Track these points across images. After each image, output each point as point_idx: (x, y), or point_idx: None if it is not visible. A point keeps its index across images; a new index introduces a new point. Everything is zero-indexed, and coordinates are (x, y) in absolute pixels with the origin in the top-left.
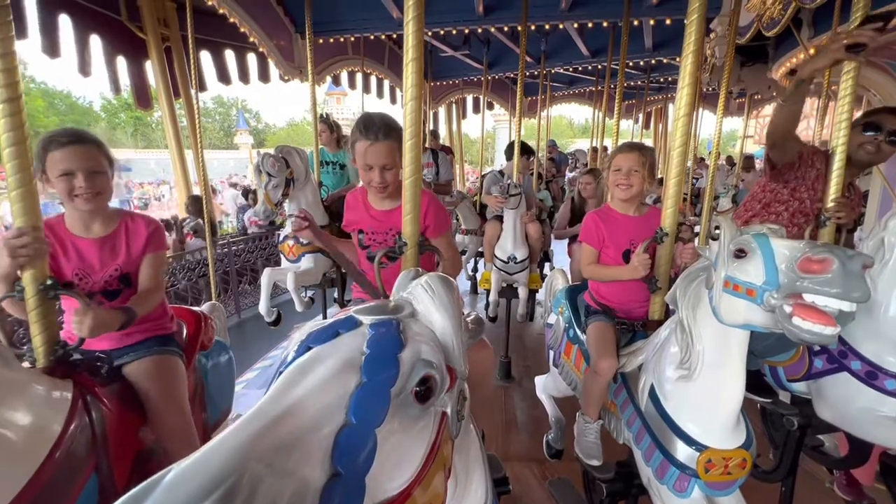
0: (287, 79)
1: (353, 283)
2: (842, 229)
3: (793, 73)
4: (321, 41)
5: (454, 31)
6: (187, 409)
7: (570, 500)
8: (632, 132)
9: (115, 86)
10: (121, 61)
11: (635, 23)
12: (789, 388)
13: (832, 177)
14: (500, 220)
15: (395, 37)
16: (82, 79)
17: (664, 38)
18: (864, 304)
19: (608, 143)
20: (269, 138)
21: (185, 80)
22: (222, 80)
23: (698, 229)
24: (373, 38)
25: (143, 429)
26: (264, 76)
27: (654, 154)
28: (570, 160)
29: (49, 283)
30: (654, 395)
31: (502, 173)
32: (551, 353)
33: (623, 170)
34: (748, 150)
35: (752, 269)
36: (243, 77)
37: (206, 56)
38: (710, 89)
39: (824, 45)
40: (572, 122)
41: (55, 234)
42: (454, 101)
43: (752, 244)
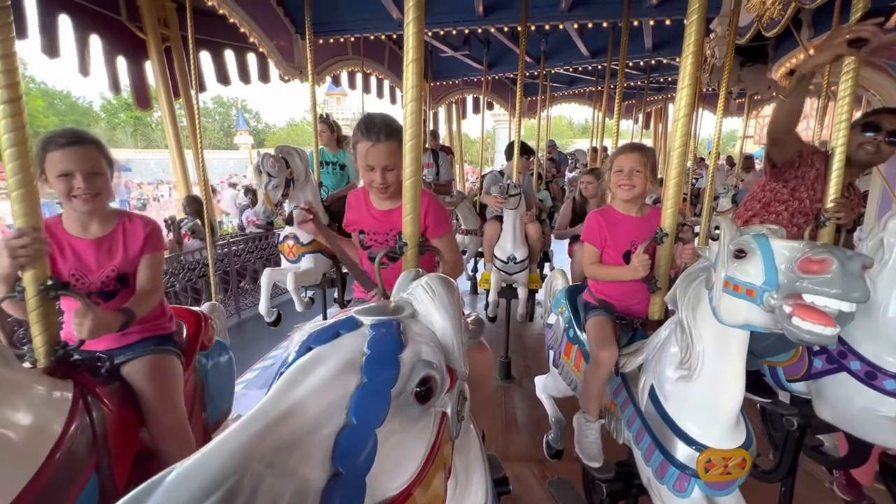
0: (287, 79)
1: (353, 284)
2: (841, 229)
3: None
4: (321, 41)
5: (454, 32)
6: (182, 408)
7: (570, 500)
8: (632, 132)
9: (115, 86)
10: (121, 61)
11: (635, 23)
12: (789, 388)
13: (832, 177)
14: (499, 220)
15: (395, 37)
16: (82, 79)
17: (664, 39)
18: (863, 305)
19: (608, 143)
20: (268, 138)
21: (184, 81)
22: (222, 81)
23: (698, 230)
24: (373, 38)
25: (144, 429)
26: (264, 76)
27: (656, 154)
28: (569, 160)
29: (50, 283)
30: (654, 395)
31: (502, 173)
32: (551, 353)
33: (625, 170)
34: (748, 151)
35: (751, 269)
36: (243, 77)
37: (205, 56)
38: (709, 89)
39: (826, 41)
40: (572, 122)
41: (52, 234)
42: (454, 101)
43: (751, 244)
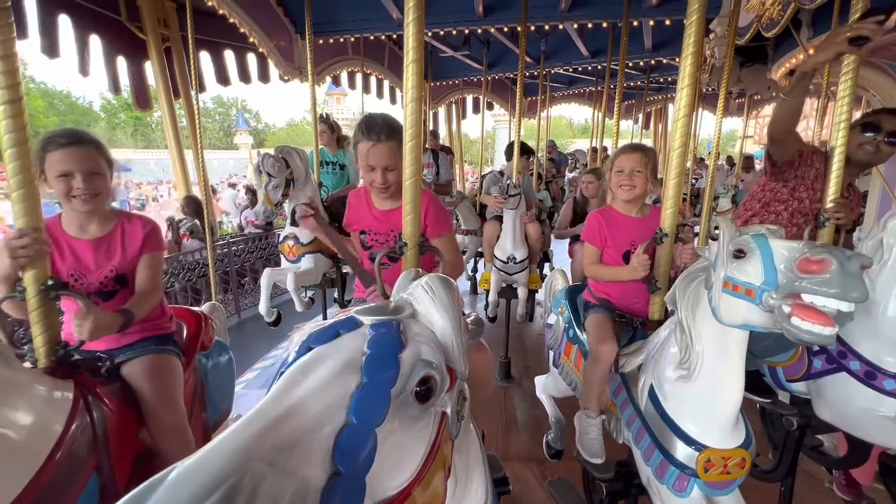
0: (287, 79)
1: (353, 284)
2: (841, 230)
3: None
4: (321, 41)
5: (454, 32)
6: (182, 408)
7: (570, 500)
8: (631, 132)
9: (115, 86)
10: (121, 61)
11: (635, 23)
12: (788, 388)
13: (831, 177)
14: (499, 220)
15: (395, 37)
16: (82, 79)
17: (664, 39)
18: (862, 305)
19: (608, 143)
20: (268, 138)
21: (184, 81)
22: (221, 81)
23: (698, 230)
24: (373, 38)
25: (144, 429)
26: (264, 76)
27: (657, 155)
28: (569, 160)
29: (50, 283)
30: (653, 395)
31: (502, 173)
32: (551, 353)
33: (626, 171)
34: (748, 151)
35: (751, 269)
36: (243, 77)
37: (205, 56)
38: (709, 90)
39: (827, 39)
40: (572, 122)
41: (51, 234)
42: (454, 101)
43: (750, 244)
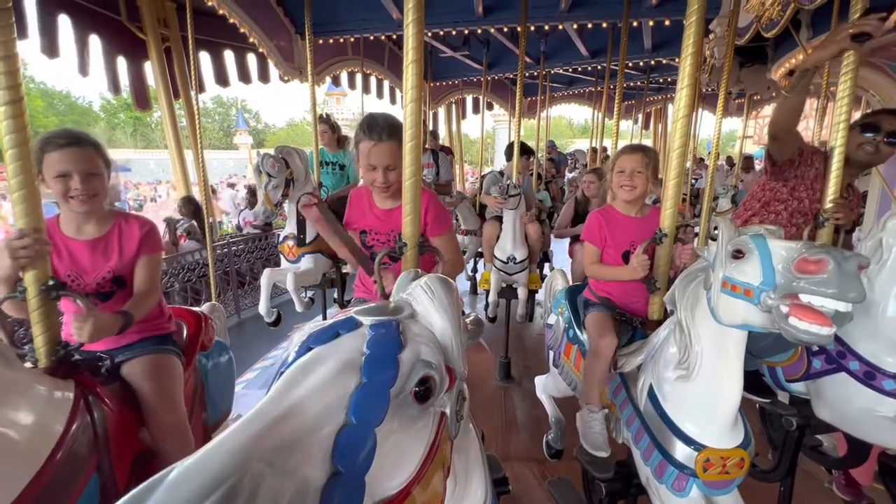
0: (287, 79)
1: (353, 284)
2: (840, 230)
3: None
4: (321, 42)
5: (454, 32)
6: (182, 408)
7: (570, 499)
8: (631, 133)
9: (115, 86)
10: (120, 61)
11: (635, 24)
12: (788, 388)
13: (830, 177)
14: (499, 220)
15: (394, 37)
16: (82, 79)
17: (663, 39)
18: (862, 305)
19: (608, 143)
20: (268, 138)
21: (184, 81)
22: (221, 82)
23: (697, 230)
24: (372, 38)
25: (144, 429)
26: (264, 76)
27: (657, 155)
28: (569, 160)
29: (51, 283)
30: (652, 395)
31: (502, 173)
32: (551, 353)
33: (626, 171)
34: (747, 151)
35: (749, 269)
36: (243, 77)
37: (205, 56)
38: (709, 90)
39: (829, 37)
40: (572, 122)
41: (49, 235)
42: (454, 101)
43: (749, 245)
